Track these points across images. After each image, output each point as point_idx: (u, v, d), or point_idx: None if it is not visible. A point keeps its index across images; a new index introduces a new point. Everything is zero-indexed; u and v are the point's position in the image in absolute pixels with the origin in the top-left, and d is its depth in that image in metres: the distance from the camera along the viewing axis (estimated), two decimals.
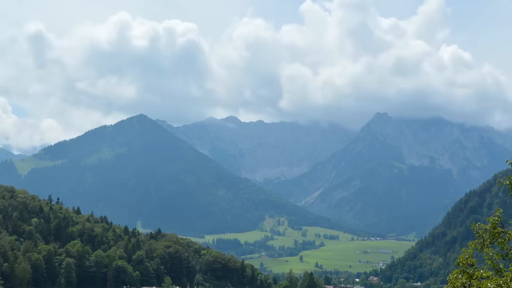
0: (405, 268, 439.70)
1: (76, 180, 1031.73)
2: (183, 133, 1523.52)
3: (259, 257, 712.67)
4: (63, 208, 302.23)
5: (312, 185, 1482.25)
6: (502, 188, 33.66)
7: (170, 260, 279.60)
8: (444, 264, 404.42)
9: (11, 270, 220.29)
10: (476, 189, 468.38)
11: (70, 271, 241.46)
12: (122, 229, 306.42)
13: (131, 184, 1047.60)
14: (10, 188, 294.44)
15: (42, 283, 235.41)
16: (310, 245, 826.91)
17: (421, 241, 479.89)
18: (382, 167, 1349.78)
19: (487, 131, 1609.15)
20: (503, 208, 33.36)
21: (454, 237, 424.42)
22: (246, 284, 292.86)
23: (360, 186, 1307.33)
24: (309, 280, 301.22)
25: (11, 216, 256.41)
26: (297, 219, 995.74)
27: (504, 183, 29.46)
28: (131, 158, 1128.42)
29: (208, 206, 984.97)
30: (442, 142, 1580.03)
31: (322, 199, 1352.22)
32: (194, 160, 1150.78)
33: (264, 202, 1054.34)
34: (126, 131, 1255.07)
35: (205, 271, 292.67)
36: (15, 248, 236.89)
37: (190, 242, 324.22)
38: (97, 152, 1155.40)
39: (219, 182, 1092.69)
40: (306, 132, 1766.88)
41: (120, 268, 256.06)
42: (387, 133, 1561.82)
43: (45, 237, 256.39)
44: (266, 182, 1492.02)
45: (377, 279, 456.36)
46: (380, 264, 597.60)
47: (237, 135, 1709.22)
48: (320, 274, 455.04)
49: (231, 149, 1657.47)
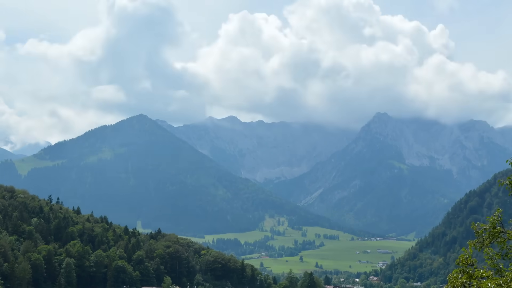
0: (405, 268, 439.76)
1: (76, 180, 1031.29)
2: (183, 133, 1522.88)
3: (259, 257, 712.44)
4: (63, 208, 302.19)
5: (312, 185, 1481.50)
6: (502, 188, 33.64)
7: (170, 260, 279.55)
8: (444, 264, 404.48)
9: (11, 270, 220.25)
10: (476, 189, 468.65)
11: (70, 271, 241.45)
12: (122, 229, 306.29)
13: (131, 184, 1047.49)
14: (10, 188, 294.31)
15: (42, 283, 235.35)
16: (310, 245, 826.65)
17: (421, 241, 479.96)
18: (382, 167, 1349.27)
19: (487, 131, 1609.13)
20: (503, 208, 33.40)
21: (454, 237, 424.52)
22: (246, 284, 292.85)
23: (360, 186, 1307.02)
24: (309, 280, 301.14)
25: (11, 216, 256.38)
26: (297, 219, 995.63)
27: (504, 183, 29.50)
28: (131, 158, 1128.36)
29: (208, 206, 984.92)
30: (442, 142, 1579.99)
31: (322, 199, 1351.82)
32: (194, 160, 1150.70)
33: (264, 202, 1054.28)
34: (126, 131, 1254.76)
35: (205, 271, 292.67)
36: (15, 248, 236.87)
37: (190, 242, 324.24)
38: (97, 152, 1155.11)
39: (219, 182, 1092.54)
40: (306, 132, 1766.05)
41: (120, 268, 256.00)
42: (387, 133, 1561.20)
43: (45, 237, 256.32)
44: (266, 182, 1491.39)
45: (377, 279, 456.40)
46: (380, 264, 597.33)
47: (237, 135, 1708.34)
48: (320, 274, 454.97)
49: (231, 149, 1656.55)
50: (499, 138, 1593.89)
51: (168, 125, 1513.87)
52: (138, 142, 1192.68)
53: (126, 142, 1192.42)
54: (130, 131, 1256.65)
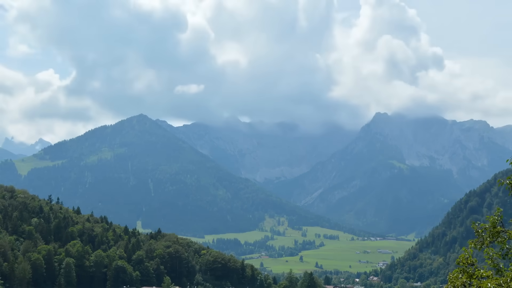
0: (405, 268, 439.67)
1: (76, 180, 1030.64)
2: (183, 133, 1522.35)
3: (259, 257, 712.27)
4: (63, 208, 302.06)
5: (312, 185, 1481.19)
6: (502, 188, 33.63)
7: (170, 260, 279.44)
8: (444, 264, 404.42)
9: (11, 270, 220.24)
10: (476, 189, 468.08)
11: (70, 271, 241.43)
12: (122, 229, 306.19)
13: (131, 184, 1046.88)
14: (10, 188, 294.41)
15: (42, 283, 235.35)
16: (310, 245, 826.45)
17: (421, 241, 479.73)
18: (382, 167, 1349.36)
19: (487, 131, 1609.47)
20: (503, 208, 33.34)
21: (454, 237, 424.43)
22: (246, 284, 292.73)
23: (360, 186, 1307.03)
24: (309, 280, 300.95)
25: (11, 216, 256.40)
26: (297, 219, 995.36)
27: (504, 183, 29.45)
28: (131, 158, 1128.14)
29: (208, 206, 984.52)
30: (442, 142, 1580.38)
31: (322, 199, 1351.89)
32: (194, 160, 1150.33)
33: (264, 202, 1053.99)
34: (126, 131, 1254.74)
35: (205, 271, 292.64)
36: (15, 248, 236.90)
37: (190, 242, 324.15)
38: (97, 152, 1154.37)
39: (219, 182, 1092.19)
40: (306, 132, 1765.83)
41: (120, 268, 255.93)
42: (387, 133, 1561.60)
43: (45, 237, 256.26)
44: (266, 182, 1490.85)
45: (377, 279, 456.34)
46: (380, 264, 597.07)
47: (237, 135, 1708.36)
48: (320, 274, 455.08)
49: (231, 149, 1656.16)
50: (499, 138, 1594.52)
51: (168, 125, 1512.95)
52: (138, 142, 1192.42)
53: (126, 142, 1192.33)
54: (130, 131, 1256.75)
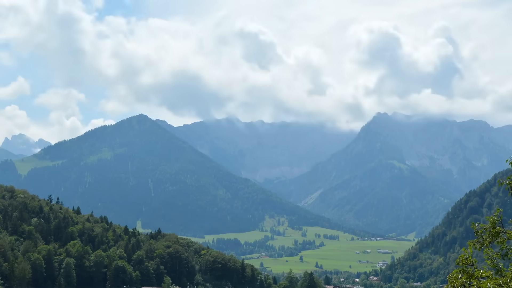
0: (405, 268, 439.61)
1: (76, 180, 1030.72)
2: (183, 133, 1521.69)
3: (259, 257, 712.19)
4: (63, 208, 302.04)
5: (312, 185, 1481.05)
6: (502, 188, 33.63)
7: (170, 260, 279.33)
8: (444, 264, 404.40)
9: (11, 270, 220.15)
10: (476, 189, 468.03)
11: (70, 271, 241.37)
12: (122, 229, 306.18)
13: (131, 184, 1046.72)
14: (10, 188, 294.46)
15: (42, 283, 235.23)
16: (310, 245, 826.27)
17: (421, 241, 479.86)
18: (382, 167, 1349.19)
19: (487, 131, 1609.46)
20: (503, 208, 33.40)
21: (454, 237, 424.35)
22: (246, 284, 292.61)
23: (360, 186, 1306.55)
24: (309, 280, 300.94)
25: (11, 216, 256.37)
26: (297, 219, 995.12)
27: (504, 183, 29.46)
28: (131, 158, 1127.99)
29: (208, 206, 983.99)
30: (442, 142, 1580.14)
31: (322, 199, 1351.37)
32: (194, 160, 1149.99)
33: (264, 202, 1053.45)
34: (126, 131, 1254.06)
35: (205, 271, 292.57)
36: (15, 248, 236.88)
37: (190, 242, 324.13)
38: (97, 152, 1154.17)
39: (219, 182, 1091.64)
40: (306, 132, 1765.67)
41: (120, 268, 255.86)
42: (387, 133, 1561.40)
43: (45, 237, 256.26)
44: (266, 182, 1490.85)
45: (377, 279, 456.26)
46: (380, 264, 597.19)
47: (237, 135, 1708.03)
48: (320, 274, 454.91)
49: (231, 149, 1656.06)
50: (499, 138, 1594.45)
51: (168, 125, 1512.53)
52: (138, 142, 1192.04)
53: (126, 142, 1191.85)
54: (130, 131, 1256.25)
